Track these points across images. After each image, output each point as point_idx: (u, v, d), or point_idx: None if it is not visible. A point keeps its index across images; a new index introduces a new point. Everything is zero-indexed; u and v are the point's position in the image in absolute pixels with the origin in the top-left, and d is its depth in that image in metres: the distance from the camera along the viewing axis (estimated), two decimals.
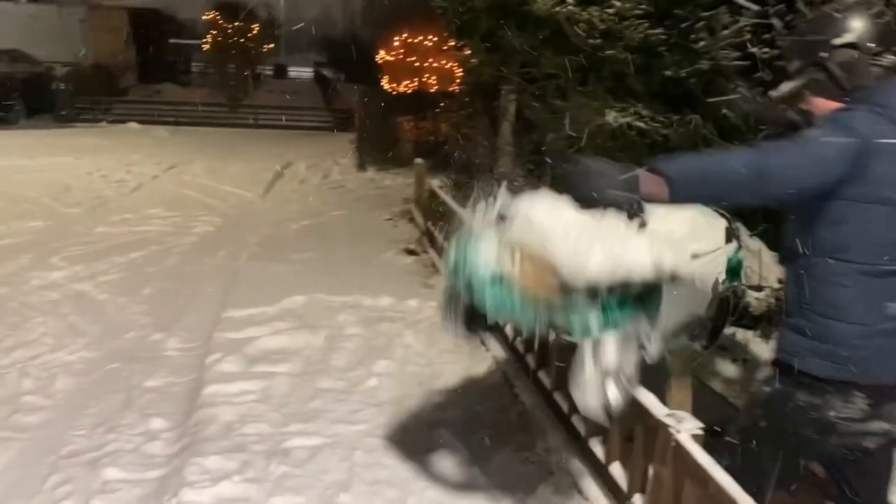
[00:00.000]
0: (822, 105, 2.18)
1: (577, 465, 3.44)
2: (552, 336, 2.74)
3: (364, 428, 4.06)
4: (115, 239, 7.63)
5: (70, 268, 6.66)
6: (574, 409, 3.59)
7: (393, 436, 3.96)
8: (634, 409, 2.70)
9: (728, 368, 4.61)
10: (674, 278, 2.42)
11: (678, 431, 2.51)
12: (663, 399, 2.82)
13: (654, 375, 2.78)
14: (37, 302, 5.89)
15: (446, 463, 3.66)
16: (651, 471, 2.76)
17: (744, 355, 4.54)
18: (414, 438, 3.92)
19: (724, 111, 4.91)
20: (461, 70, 8.84)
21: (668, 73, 5.28)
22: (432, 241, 7.03)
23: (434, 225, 7.03)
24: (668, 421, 2.58)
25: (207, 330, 5.39)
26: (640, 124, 5.28)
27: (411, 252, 7.12)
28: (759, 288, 4.72)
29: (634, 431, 2.89)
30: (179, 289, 6.32)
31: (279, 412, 4.24)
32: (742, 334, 4.63)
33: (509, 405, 4.10)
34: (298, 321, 5.53)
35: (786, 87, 2.28)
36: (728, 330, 4.74)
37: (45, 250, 7.09)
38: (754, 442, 2.30)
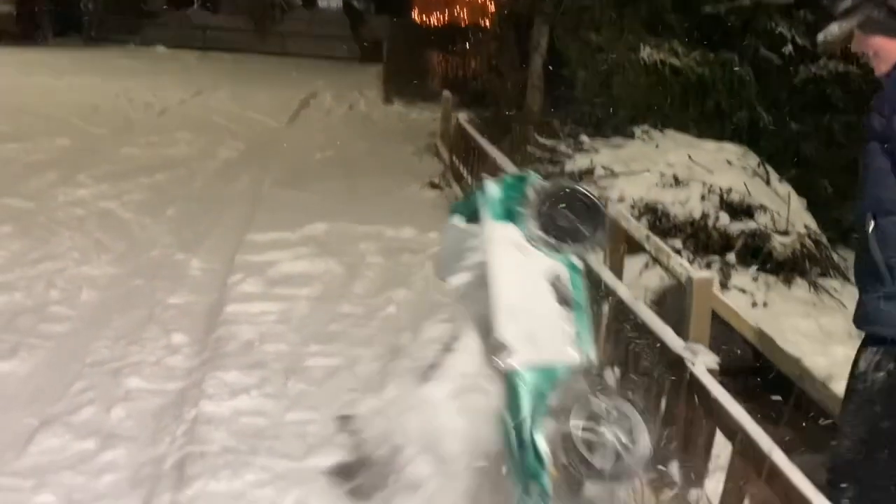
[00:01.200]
0: (887, 46, 1.95)
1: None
2: None
3: (381, 351, 4.11)
4: (140, 160, 7.67)
5: (96, 186, 6.72)
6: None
7: (406, 361, 4.01)
8: (650, 341, 2.70)
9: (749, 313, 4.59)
10: None
11: (693, 364, 2.51)
12: (680, 333, 2.81)
13: (673, 308, 2.77)
14: (63, 217, 5.97)
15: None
16: (663, 404, 2.78)
17: (764, 299, 4.51)
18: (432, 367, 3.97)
19: (761, 51, 4.76)
20: (494, 2, 8.62)
21: (706, 9, 5.11)
22: (457, 175, 6.98)
23: (459, 160, 6.97)
24: (684, 354, 2.57)
25: (230, 252, 5.45)
26: (675, 61, 5.14)
27: (435, 186, 7.09)
28: (785, 233, 4.65)
29: (650, 365, 2.89)
30: (203, 211, 6.36)
31: (298, 333, 4.31)
32: (764, 278, 4.59)
33: None
34: (320, 248, 5.56)
35: (835, 28, 2.04)
36: (751, 272, 4.72)
37: (71, 168, 7.15)
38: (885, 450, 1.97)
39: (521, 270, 1.85)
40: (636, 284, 4.19)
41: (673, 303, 4.00)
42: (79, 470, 3.10)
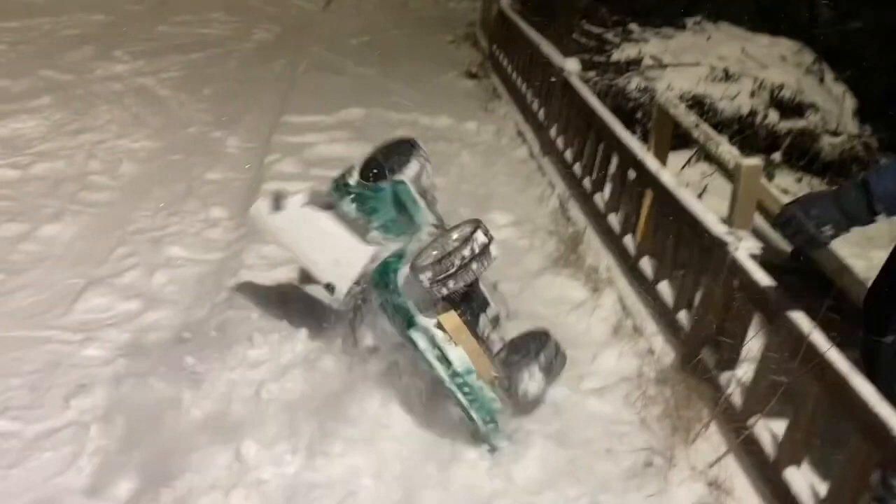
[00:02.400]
0: None
1: (623, 284, 3.47)
2: None
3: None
4: (176, 39, 7.54)
5: (133, 62, 6.66)
6: (626, 230, 3.59)
7: None
8: (692, 225, 2.67)
9: None
10: None
11: (736, 249, 2.49)
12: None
13: (719, 193, 2.73)
14: (101, 91, 5.95)
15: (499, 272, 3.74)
16: (700, 289, 2.78)
17: None
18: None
19: None
20: None
21: None
22: (496, 65, 6.80)
23: (500, 49, 6.76)
24: (727, 238, 2.54)
25: (266, 132, 5.43)
26: None
27: (473, 75, 6.91)
28: (835, 133, 4.50)
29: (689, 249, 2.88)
30: (239, 91, 6.30)
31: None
32: (808, 179, 4.48)
33: (563, 226, 4.10)
34: (355, 133, 5.51)
35: None
36: (794, 175, 4.61)
37: (107, 43, 7.07)
38: None
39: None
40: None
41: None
42: (124, 328, 3.23)
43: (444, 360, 2.41)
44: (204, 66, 6.87)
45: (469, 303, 2.68)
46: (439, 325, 2.43)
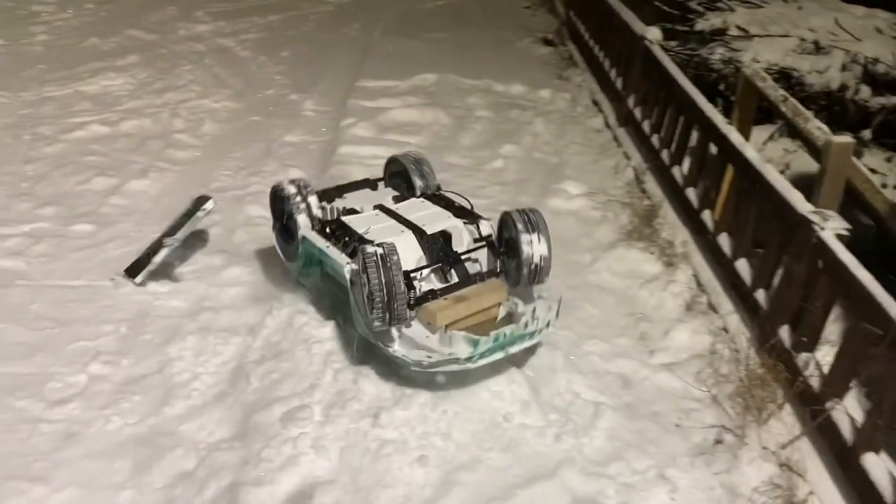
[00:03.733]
0: None
1: (699, 260, 3.42)
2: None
3: (487, 203, 4.13)
4: (254, 0, 7.64)
5: (214, 23, 6.80)
6: (704, 206, 3.52)
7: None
8: (776, 202, 2.61)
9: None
10: None
11: (822, 229, 2.42)
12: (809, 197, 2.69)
13: (797, 183, 2.65)
14: (184, 51, 6.11)
15: (572, 242, 3.74)
16: (781, 268, 2.72)
17: None
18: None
19: None
20: None
21: None
22: (573, 33, 6.67)
23: (577, 15, 6.63)
24: (812, 217, 2.48)
25: (341, 96, 5.49)
26: None
27: (548, 42, 6.80)
28: None
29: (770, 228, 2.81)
30: (315, 55, 6.37)
31: None
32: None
33: (638, 199, 4.05)
34: (429, 98, 5.52)
35: None
36: (884, 154, 4.41)
37: (189, 3, 7.22)
38: None
39: None
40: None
41: (796, 178, 3.81)
42: (207, 281, 3.36)
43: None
44: (281, 28, 6.96)
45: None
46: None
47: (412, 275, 2.68)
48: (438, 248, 2.84)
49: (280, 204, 3.05)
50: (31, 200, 3.89)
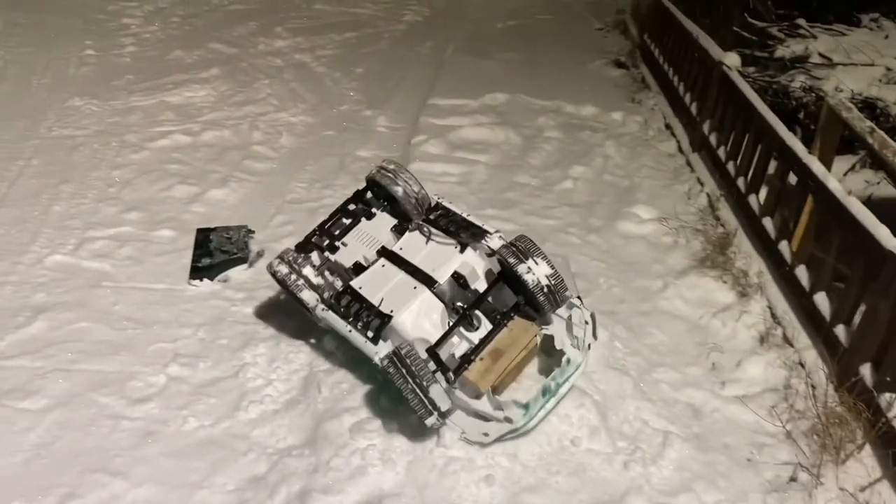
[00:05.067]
0: None
1: (775, 291, 3.35)
2: None
3: (555, 223, 4.15)
4: (331, 17, 7.85)
5: (292, 38, 7.00)
6: (782, 236, 3.45)
7: (583, 236, 4.03)
8: (860, 236, 2.54)
9: None
10: None
11: None
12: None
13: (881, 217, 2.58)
14: (262, 65, 6.30)
15: (642, 267, 3.71)
16: (864, 304, 2.64)
17: None
18: (602, 237, 3.98)
19: None
20: None
21: None
22: (646, 55, 6.63)
23: (651, 38, 6.58)
24: None
25: (413, 113, 5.57)
26: None
27: (621, 65, 6.77)
28: None
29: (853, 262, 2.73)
30: (389, 72, 6.49)
31: (476, 196, 4.42)
32: None
33: (711, 226, 3.99)
34: (499, 117, 5.56)
35: None
36: None
37: (269, 20, 7.46)
38: None
39: None
40: None
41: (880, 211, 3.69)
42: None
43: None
44: (357, 45, 7.12)
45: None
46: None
47: (438, 347, 2.56)
48: (456, 296, 2.78)
49: (281, 286, 2.96)
50: (118, 205, 4.07)
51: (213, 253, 3.60)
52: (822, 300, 2.97)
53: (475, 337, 2.68)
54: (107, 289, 3.40)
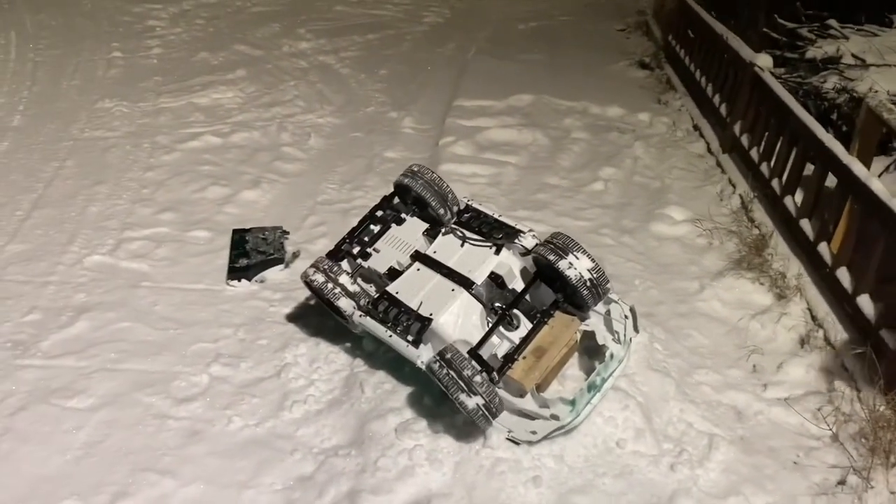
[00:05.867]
0: None
1: (814, 294, 3.33)
2: None
3: (588, 225, 4.14)
4: (352, 19, 7.88)
5: (315, 40, 7.03)
6: (821, 237, 3.43)
7: (616, 237, 4.02)
8: None
9: None
10: None
11: None
12: None
13: None
14: (288, 67, 6.33)
15: (678, 268, 3.70)
16: None
17: None
18: (636, 238, 3.97)
19: None
20: None
21: None
22: (671, 56, 6.61)
23: (676, 39, 6.57)
24: None
25: (440, 114, 5.58)
26: None
27: (645, 66, 6.75)
28: None
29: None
30: (413, 73, 6.51)
31: (507, 197, 4.42)
32: None
33: (745, 227, 3.97)
34: (525, 119, 5.56)
35: None
36: None
37: (292, 21, 7.49)
38: None
39: None
40: None
41: None
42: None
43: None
44: (379, 47, 7.14)
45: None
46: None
47: (480, 347, 2.55)
48: (494, 296, 2.78)
49: (316, 295, 2.96)
50: (152, 206, 4.10)
51: (250, 254, 3.62)
52: (865, 302, 2.96)
53: (515, 336, 2.68)
54: (146, 289, 3.43)
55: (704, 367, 3.04)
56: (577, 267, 2.62)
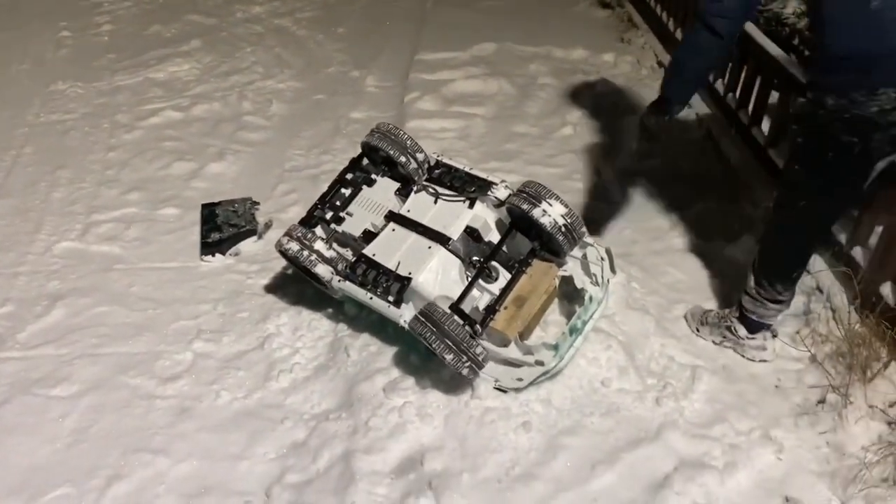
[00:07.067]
0: None
1: None
2: None
3: (560, 171, 4.14)
4: None
5: (269, 3, 6.83)
6: None
7: (588, 180, 4.03)
8: None
9: None
10: None
11: None
12: None
13: None
14: (243, 33, 6.17)
15: (650, 206, 3.72)
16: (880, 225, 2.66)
17: None
18: (612, 185, 3.98)
19: None
20: None
21: None
22: None
23: None
24: None
25: (402, 70, 5.50)
26: None
27: (606, 5, 6.66)
28: None
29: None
30: (372, 29, 6.38)
31: (477, 150, 4.40)
32: None
33: (713, 161, 3.99)
34: (490, 68, 5.49)
35: None
36: None
37: None
38: None
39: None
40: None
41: None
42: None
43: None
44: (335, 4, 6.97)
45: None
46: None
47: (461, 302, 2.56)
48: (471, 250, 2.78)
49: (293, 263, 2.94)
50: (118, 187, 4.02)
51: (222, 227, 3.58)
52: (836, 225, 2.99)
53: (495, 288, 2.69)
54: (120, 271, 3.39)
55: (683, 301, 3.08)
56: (550, 214, 2.61)
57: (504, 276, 2.70)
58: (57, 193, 3.95)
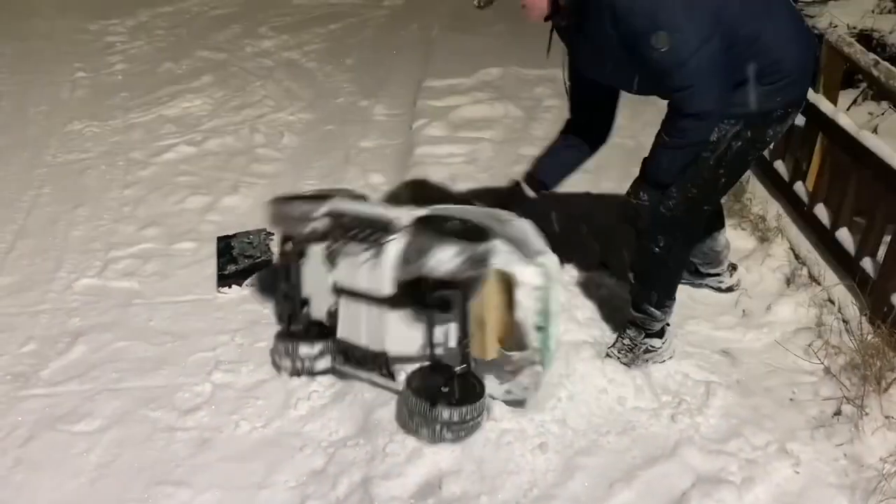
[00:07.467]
0: None
1: (795, 233, 3.39)
2: None
3: (568, 191, 4.17)
4: (312, 11, 7.82)
5: (278, 37, 6.99)
6: (796, 177, 3.48)
7: (598, 198, 4.07)
8: (878, 168, 2.57)
9: None
10: None
11: None
12: None
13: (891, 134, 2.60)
14: (253, 67, 6.30)
15: None
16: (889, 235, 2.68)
17: None
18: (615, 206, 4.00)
19: None
20: None
21: None
22: None
23: None
24: None
25: (410, 98, 5.59)
26: None
27: None
28: None
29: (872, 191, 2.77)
30: (379, 59, 6.49)
31: (486, 173, 4.45)
32: None
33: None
34: (496, 92, 5.58)
35: None
36: None
37: (252, 21, 7.43)
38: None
39: None
40: None
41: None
42: None
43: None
44: (342, 36, 7.11)
45: None
46: None
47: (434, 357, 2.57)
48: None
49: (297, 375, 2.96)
50: (135, 223, 4.10)
51: (238, 259, 3.64)
52: (844, 235, 3.01)
53: (452, 322, 2.56)
54: (138, 306, 3.44)
55: (695, 317, 3.10)
56: (438, 269, 2.42)
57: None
58: (76, 231, 4.03)
